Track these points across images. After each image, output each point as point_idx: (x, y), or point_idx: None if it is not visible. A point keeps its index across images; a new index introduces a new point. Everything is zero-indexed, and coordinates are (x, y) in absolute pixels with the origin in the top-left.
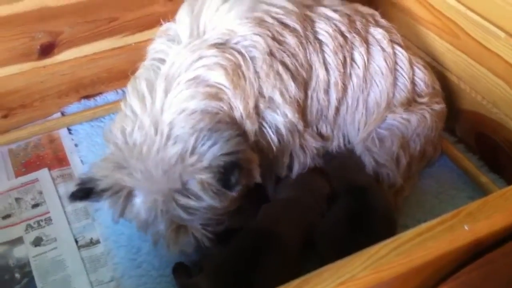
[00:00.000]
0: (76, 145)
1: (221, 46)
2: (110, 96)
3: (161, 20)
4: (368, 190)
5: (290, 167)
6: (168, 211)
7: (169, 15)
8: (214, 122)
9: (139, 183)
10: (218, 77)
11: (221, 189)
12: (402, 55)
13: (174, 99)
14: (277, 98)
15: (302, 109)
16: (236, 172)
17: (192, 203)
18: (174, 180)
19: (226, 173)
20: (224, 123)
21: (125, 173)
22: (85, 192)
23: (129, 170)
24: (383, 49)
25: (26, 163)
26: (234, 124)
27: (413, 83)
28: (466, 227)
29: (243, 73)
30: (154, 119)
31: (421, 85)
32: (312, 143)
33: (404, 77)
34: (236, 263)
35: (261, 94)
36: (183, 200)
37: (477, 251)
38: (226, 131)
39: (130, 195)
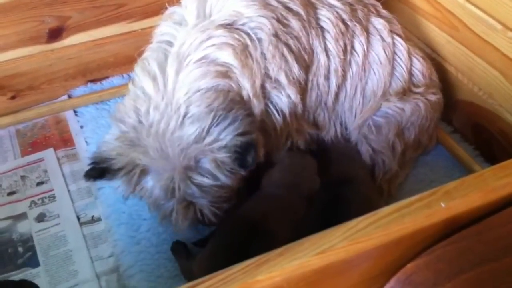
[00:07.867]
0: (81, 127)
1: (229, 26)
2: (116, 80)
3: (167, 5)
4: (347, 182)
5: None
6: (182, 189)
7: (175, 2)
8: (227, 100)
9: (155, 161)
10: (227, 56)
11: (235, 168)
12: (401, 45)
13: (186, 79)
14: (282, 79)
15: (302, 91)
16: (253, 152)
17: (206, 181)
18: (189, 159)
19: (243, 153)
20: (236, 102)
21: (140, 152)
22: (99, 171)
23: (144, 148)
24: (382, 39)
25: (32, 143)
26: (244, 104)
27: (410, 73)
28: (442, 204)
29: (250, 53)
30: (169, 99)
31: (418, 76)
32: (307, 128)
33: (402, 67)
34: (226, 253)
35: (267, 75)
36: (198, 178)
37: (453, 228)
38: (240, 110)
39: (143, 173)
